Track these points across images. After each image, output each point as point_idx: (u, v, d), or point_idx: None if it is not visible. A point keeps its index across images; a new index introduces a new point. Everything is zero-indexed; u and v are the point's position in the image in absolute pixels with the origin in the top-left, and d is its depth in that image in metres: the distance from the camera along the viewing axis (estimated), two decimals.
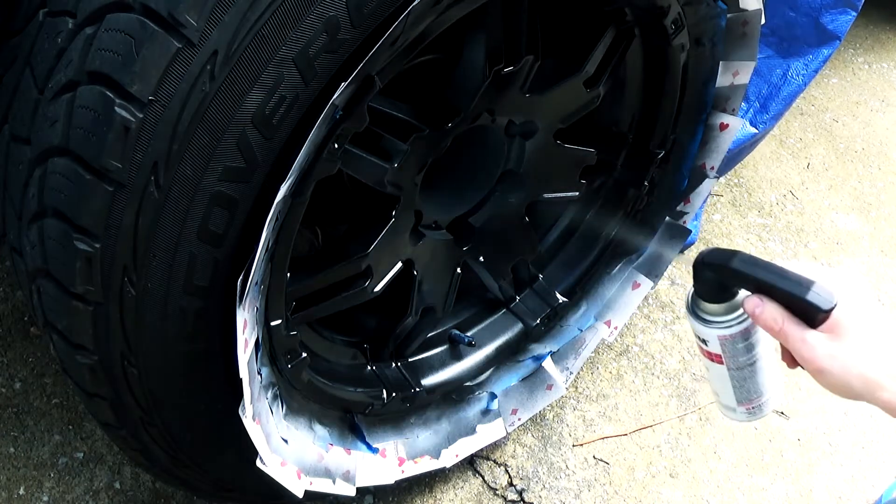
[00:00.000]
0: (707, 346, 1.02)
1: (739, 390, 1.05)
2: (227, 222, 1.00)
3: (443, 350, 1.60)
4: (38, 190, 0.96)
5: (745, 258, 0.94)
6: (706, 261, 0.96)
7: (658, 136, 1.58)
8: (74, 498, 1.55)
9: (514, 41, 1.22)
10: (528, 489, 1.68)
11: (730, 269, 0.94)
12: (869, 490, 1.74)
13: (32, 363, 1.71)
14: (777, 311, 0.92)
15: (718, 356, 1.02)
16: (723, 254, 0.95)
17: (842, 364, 0.89)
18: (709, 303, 0.98)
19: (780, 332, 0.92)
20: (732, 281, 0.96)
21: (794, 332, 0.91)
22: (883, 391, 0.89)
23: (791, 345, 0.92)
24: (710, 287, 0.98)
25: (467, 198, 1.49)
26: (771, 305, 0.92)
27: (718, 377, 1.05)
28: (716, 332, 1.00)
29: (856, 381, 0.89)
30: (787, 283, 0.91)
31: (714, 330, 0.99)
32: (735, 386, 1.05)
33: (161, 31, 0.88)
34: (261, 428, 1.16)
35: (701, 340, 1.02)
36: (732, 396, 1.06)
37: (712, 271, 0.96)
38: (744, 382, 1.04)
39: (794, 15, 1.99)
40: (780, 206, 2.36)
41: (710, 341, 1.01)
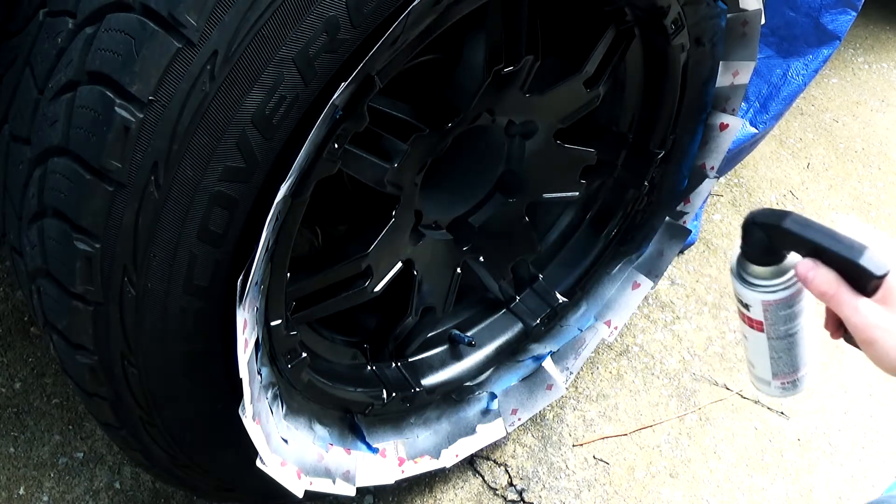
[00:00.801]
0: (749, 311, 0.98)
1: (777, 362, 1.02)
2: (227, 222, 1.00)
3: (443, 350, 1.60)
4: (38, 190, 0.96)
5: (798, 219, 0.90)
6: (757, 220, 0.92)
7: (658, 136, 1.58)
8: (74, 498, 1.55)
9: (514, 41, 1.22)
10: (528, 489, 1.68)
11: (782, 229, 0.90)
12: (869, 490, 1.74)
13: (32, 363, 1.71)
14: (831, 276, 0.88)
15: (760, 323, 0.98)
16: (774, 214, 0.91)
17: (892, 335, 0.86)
18: (756, 265, 0.95)
19: (833, 297, 0.88)
20: (783, 242, 0.92)
21: (848, 298, 0.87)
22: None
23: (843, 311, 0.88)
24: (759, 248, 0.94)
25: (467, 198, 1.49)
26: (825, 269, 0.88)
27: (756, 346, 1.01)
28: (760, 297, 0.96)
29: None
30: (841, 247, 0.87)
31: (759, 294, 0.96)
32: (773, 357, 1.01)
33: (161, 31, 0.88)
34: (261, 428, 1.16)
35: (743, 305, 0.98)
36: (769, 368, 1.03)
37: (763, 231, 0.92)
38: (782, 354, 1.01)
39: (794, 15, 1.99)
40: (780, 206, 2.36)
41: (752, 306, 0.97)
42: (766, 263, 0.95)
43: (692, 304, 2.06)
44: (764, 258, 0.95)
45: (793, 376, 1.04)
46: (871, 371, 1.98)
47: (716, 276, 2.14)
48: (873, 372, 1.97)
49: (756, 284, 0.96)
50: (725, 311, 2.05)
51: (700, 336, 2.00)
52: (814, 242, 0.89)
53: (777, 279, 0.95)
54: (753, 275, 0.96)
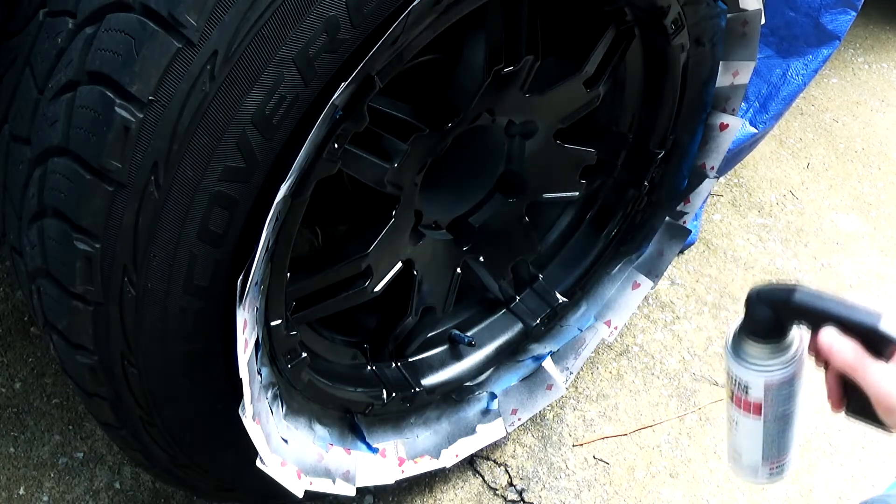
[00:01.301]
0: (747, 394, 0.94)
1: (769, 446, 0.99)
2: (227, 222, 1.00)
3: (443, 350, 1.60)
4: (38, 190, 0.96)
5: (808, 291, 0.88)
6: (762, 296, 0.90)
7: (658, 136, 1.58)
8: (74, 498, 1.55)
9: (514, 41, 1.22)
10: (528, 489, 1.68)
11: (792, 302, 0.88)
12: (869, 490, 1.74)
13: (32, 363, 1.71)
14: (854, 345, 0.85)
15: (758, 406, 0.95)
16: (780, 288, 0.89)
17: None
18: (759, 343, 0.92)
19: (858, 368, 0.85)
20: (793, 316, 0.90)
21: (871, 367, 0.84)
22: None
23: (868, 380, 0.85)
24: (764, 325, 0.91)
25: (467, 198, 1.49)
26: (847, 340, 0.85)
27: (750, 432, 0.98)
28: (764, 377, 0.93)
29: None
30: (857, 314, 0.86)
31: (762, 375, 0.93)
32: (766, 441, 0.98)
33: (161, 31, 0.88)
34: (261, 428, 1.16)
35: (741, 388, 0.95)
36: (759, 453, 0.99)
37: (770, 307, 0.89)
38: (776, 437, 0.98)
39: (794, 15, 1.99)
40: (780, 206, 2.36)
41: (752, 388, 0.94)
42: (770, 340, 0.92)
43: (692, 304, 2.06)
44: (768, 335, 0.92)
45: (782, 460, 1.01)
46: None
47: (716, 276, 2.14)
48: None
49: (759, 365, 0.93)
50: (725, 311, 2.05)
51: (700, 336, 2.00)
52: (829, 313, 0.87)
53: (781, 356, 0.92)
54: (755, 354, 0.93)
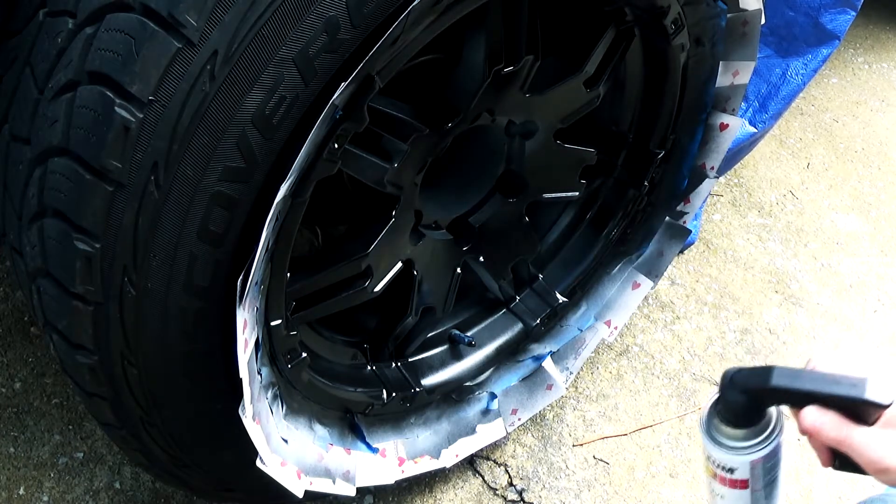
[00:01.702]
0: (732, 474, 0.93)
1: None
2: (227, 222, 1.00)
3: (443, 350, 1.60)
4: (38, 190, 0.96)
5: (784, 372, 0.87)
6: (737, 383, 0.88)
7: (658, 136, 1.58)
8: (74, 498, 1.55)
9: (514, 41, 1.22)
10: (528, 489, 1.68)
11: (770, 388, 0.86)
12: (869, 490, 1.74)
13: (32, 363, 1.71)
14: (838, 419, 0.86)
15: (744, 482, 0.93)
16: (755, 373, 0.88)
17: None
18: (739, 428, 0.90)
19: (845, 440, 0.86)
20: (772, 399, 0.89)
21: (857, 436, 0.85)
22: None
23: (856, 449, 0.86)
24: (742, 411, 0.90)
25: (467, 198, 1.49)
26: (830, 415, 0.86)
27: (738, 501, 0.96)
28: (748, 459, 0.91)
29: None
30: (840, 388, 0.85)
31: (745, 456, 0.91)
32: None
33: (161, 31, 0.88)
34: (261, 428, 1.16)
35: (724, 470, 0.93)
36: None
37: (747, 394, 0.88)
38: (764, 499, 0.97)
39: (794, 14, 2.00)
40: (780, 206, 2.36)
41: (737, 469, 0.92)
42: (749, 424, 0.91)
43: (692, 304, 2.06)
44: (749, 419, 0.91)
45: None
46: None
47: (716, 276, 2.14)
48: None
49: (740, 448, 0.92)
50: (725, 311, 2.05)
51: (700, 336, 2.00)
52: (810, 392, 0.86)
53: (763, 435, 0.91)
54: (736, 438, 0.91)
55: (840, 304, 2.12)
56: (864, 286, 2.17)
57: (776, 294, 2.12)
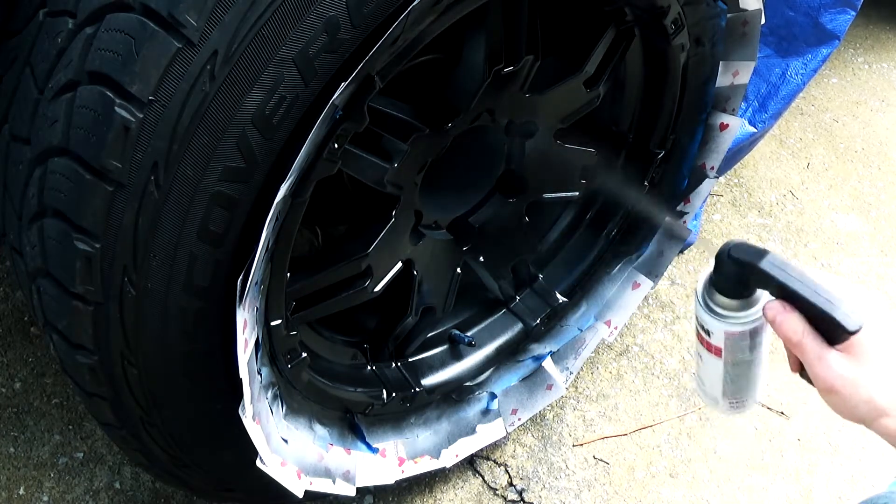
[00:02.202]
0: (709, 337, 0.98)
1: (729, 385, 1.02)
2: (227, 222, 1.00)
3: (443, 350, 1.60)
4: (38, 190, 0.96)
5: (776, 261, 0.90)
6: (732, 254, 0.91)
7: (658, 136, 1.58)
8: (74, 498, 1.55)
9: (514, 41, 1.22)
10: (528, 489, 1.68)
11: (758, 268, 0.89)
12: (869, 490, 1.74)
13: (32, 363, 1.71)
14: (799, 323, 0.89)
15: (719, 350, 0.98)
16: (751, 250, 0.91)
17: (853, 386, 0.87)
18: (725, 297, 0.94)
19: (798, 345, 0.89)
20: (757, 280, 0.92)
21: (813, 347, 0.88)
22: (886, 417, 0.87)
23: (807, 358, 0.89)
24: (730, 281, 0.93)
25: (467, 198, 1.49)
26: (794, 316, 0.89)
27: (711, 368, 1.01)
28: (724, 327, 0.96)
29: (863, 405, 0.88)
30: (816, 297, 0.87)
31: (723, 324, 0.95)
32: (726, 380, 1.02)
33: (161, 31, 0.88)
34: (261, 428, 1.16)
35: (704, 330, 0.98)
36: (720, 389, 1.03)
37: (737, 266, 0.91)
38: (737, 379, 1.01)
39: (793, 14, 1.99)
40: (780, 206, 2.36)
41: (714, 333, 0.97)
42: (734, 296, 0.94)
43: (692, 304, 2.06)
44: (734, 291, 0.94)
45: (742, 397, 1.04)
46: None
47: None
48: None
49: (721, 315, 0.95)
50: None
51: None
52: (788, 287, 0.89)
53: (743, 312, 0.95)
54: (720, 304, 0.95)
55: None
56: (864, 286, 2.17)
57: None
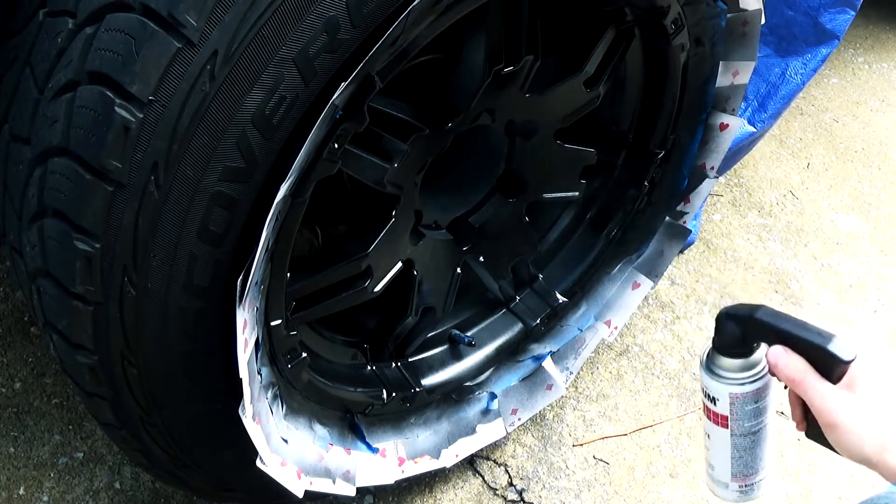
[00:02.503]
0: (716, 405, 1.01)
1: (737, 462, 1.04)
2: (227, 222, 1.00)
3: (443, 350, 1.60)
4: (38, 190, 0.96)
5: (769, 311, 0.95)
6: (730, 313, 0.97)
7: (658, 136, 1.58)
8: (74, 498, 1.55)
9: (514, 41, 1.23)
10: (528, 489, 1.68)
11: (754, 319, 0.95)
12: (869, 490, 1.74)
13: (32, 363, 1.71)
14: (800, 362, 0.92)
15: (725, 419, 1.01)
16: (747, 307, 0.96)
17: (856, 419, 0.89)
18: (726, 357, 0.99)
19: (801, 383, 0.92)
20: (755, 333, 0.96)
21: (814, 383, 0.91)
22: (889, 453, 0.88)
23: (809, 396, 0.92)
24: (731, 340, 0.98)
25: (467, 198, 1.49)
26: (794, 356, 0.93)
27: (719, 444, 1.04)
28: (728, 390, 0.99)
29: (868, 440, 0.89)
30: (810, 334, 0.92)
31: (728, 387, 0.99)
32: (734, 456, 1.04)
33: (161, 31, 0.88)
34: (261, 428, 1.16)
35: (710, 400, 1.01)
36: (728, 469, 1.05)
37: (735, 323, 0.96)
38: (744, 453, 1.03)
39: (793, 14, 1.99)
40: (780, 206, 2.36)
41: (720, 400, 1.00)
42: (736, 356, 0.98)
43: (692, 304, 2.06)
44: (735, 350, 0.98)
45: (751, 479, 1.06)
46: None
47: (716, 276, 2.14)
48: None
49: (725, 377, 0.99)
50: None
51: (700, 336, 2.00)
52: (784, 331, 0.94)
53: (746, 372, 0.98)
54: (723, 367, 0.99)
55: (840, 304, 2.12)
56: (864, 286, 2.17)
57: (776, 294, 2.12)
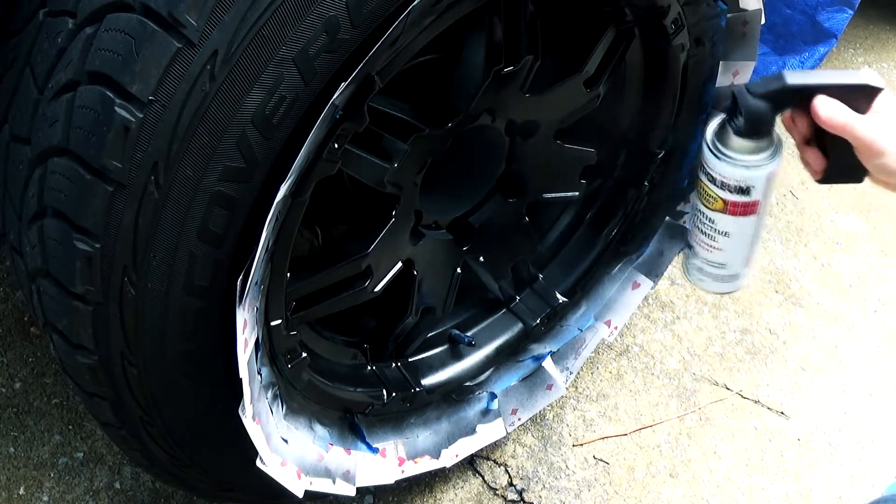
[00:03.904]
0: (749, 195, 1.00)
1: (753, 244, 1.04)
2: (227, 222, 1.00)
3: (443, 350, 1.60)
4: (38, 190, 0.96)
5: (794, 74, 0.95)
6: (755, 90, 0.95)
7: (658, 136, 1.58)
8: (74, 498, 1.55)
9: (513, 41, 1.22)
10: (528, 489, 1.68)
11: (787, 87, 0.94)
12: (869, 490, 1.74)
13: (32, 363, 1.71)
14: (840, 105, 0.95)
15: (755, 204, 1.01)
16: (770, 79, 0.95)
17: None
18: (755, 139, 0.97)
19: (848, 122, 0.95)
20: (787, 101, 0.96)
21: (858, 120, 0.95)
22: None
23: (857, 131, 0.95)
24: (761, 118, 0.96)
25: (467, 198, 1.49)
26: (836, 102, 0.95)
27: (742, 234, 1.03)
28: (766, 171, 0.99)
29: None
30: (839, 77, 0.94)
31: (765, 168, 0.98)
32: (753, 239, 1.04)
33: (161, 31, 0.88)
34: (261, 428, 1.16)
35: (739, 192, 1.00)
36: (746, 254, 1.05)
37: (764, 99, 0.95)
38: (759, 232, 1.04)
39: (791, 12, 2.00)
40: (780, 206, 2.36)
41: (755, 187, 0.99)
42: (766, 133, 0.98)
43: (692, 304, 2.06)
44: (765, 128, 0.98)
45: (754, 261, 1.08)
46: (871, 371, 1.98)
47: None
48: (873, 372, 1.97)
49: (760, 159, 0.98)
50: (725, 311, 2.05)
51: (700, 336, 2.00)
52: (818, 86, 0.94)
53: (772, 148, 0.99)
54: (753, 150, 0.98)
55: (840, 304, 2.12)
56: (864, 286, 2.17)
57: (776, 294, 2.12)
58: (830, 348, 2.01)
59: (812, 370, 1.96)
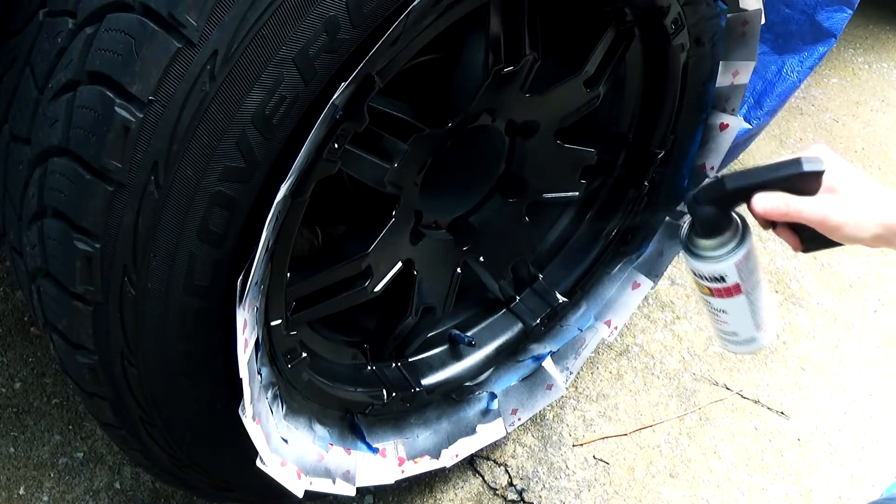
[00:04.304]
0: (726, 281, 1.05)
1: (755, 313, 1.09)
2: (227, 222, 1.00)
3: (443, 350, 1.60)
4: (38, 190, 0.96)
5: (733, 176, 1.00)
6: (700, 198, 1.01)
7: (658, 136, 1.58)
8: (74, 498, 1.55)
9: (514, 41, 1.22)
10: (528, 489, 1.68)
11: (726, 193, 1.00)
12: (869, 490, 1.74)
13: (32, 363, 1.71)
14: (779, 196, 0.98)
15: (737, 286, 1.06)
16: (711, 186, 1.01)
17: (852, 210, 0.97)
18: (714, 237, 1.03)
19: (790, 209, 0.98)
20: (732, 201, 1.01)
21: (800, 203, 0.98)
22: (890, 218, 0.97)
23: (805, 214, 0.98)
24: (713, 221, 1.03)
25: (467, 198, 1.49)
26: (775, 194, 0.99)
27: (738, 310, 1.09)
28: (732, 261, 1.03)
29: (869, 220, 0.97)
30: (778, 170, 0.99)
31: (730, 259, 1.03)
32: (752, 310, 1.09)
33: (161, 31, 0.88)
34: (261, 428, 1.16)
35: (716, 280, 1.06)
36: (752, 323, 1.10)
37: (711, 204, 1.01)
38: (758, 301, 1.09)
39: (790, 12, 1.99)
40: None
41: (728, 275, 1.05)
42: (724, 229, 1.03)
43: (692, 304, 2.06)
44: (721, 226, 1.03)
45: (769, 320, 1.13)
46: (870, 371, 1.98)
47: None
48: (873, 372, 1.98)
49: (723, 253, 1.04)
50: None
51: (700, 336, 2.00)
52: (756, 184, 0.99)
53: (736, 238, 1.04)
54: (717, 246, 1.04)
55: (840, 304, 2.12)
56: (864, 286, 2.17)
57: (776, 294, 2.12)
58: (830, 348, 2.01)
59: (812, 370, 1.97)
